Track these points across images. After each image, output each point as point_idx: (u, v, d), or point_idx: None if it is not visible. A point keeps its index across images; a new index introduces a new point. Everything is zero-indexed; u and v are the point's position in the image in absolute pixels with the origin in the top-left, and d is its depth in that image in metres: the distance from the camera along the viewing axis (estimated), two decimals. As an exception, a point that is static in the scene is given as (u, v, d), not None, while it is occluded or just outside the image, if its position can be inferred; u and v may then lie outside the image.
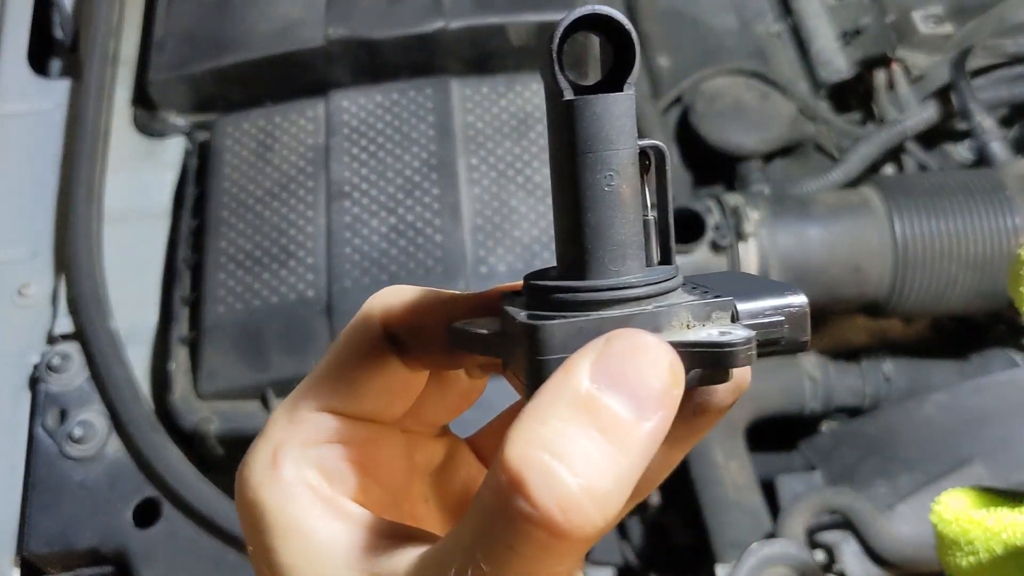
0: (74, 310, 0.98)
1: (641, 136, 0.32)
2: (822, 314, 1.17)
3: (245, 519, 0.35)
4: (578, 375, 0.30)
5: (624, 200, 0.32)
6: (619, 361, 0.30)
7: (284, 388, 0.92)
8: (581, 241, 0.33)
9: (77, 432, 0.91)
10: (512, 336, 0.33)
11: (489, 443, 0.44)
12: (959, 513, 0.44)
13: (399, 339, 0.36)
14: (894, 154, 1.25)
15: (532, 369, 0.32)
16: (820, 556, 0.90)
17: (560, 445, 0.29)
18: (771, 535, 0.85)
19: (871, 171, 1.21)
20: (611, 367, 0.30)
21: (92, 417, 0.92)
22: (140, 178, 1.10)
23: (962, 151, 1.26)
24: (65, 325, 0.98)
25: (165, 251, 1.05)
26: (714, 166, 1.25)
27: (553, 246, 0.95)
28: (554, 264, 0.34)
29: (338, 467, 0.36)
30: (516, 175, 0.97)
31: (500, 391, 0.85)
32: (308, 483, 0.35)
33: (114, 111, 1.12)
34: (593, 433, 0.29)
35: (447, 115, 1.01)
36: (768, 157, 1.24)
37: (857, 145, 1.20)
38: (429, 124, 1.00)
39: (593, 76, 0.32)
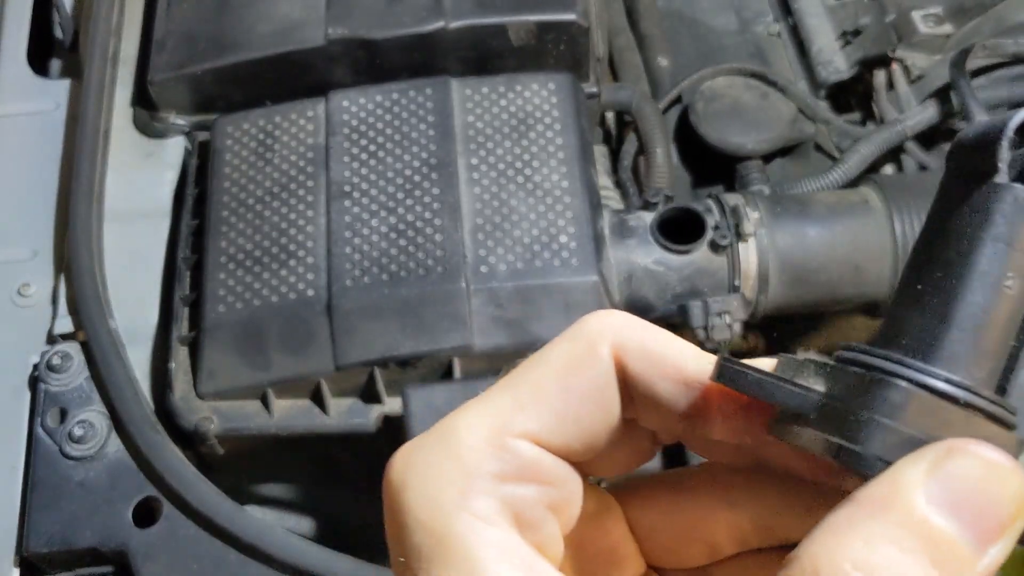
0: (74, 310, 0.98)
1: None
2: (822, 314, 1.17)
3: (410, 534, 0.30)
4: (911, 490, 0.26)
5: (1013, 309, 0.30)
6: (964, 481, 0.26)
7: (284, 388, 0.92)
8: (945, 332, 0.29)
9: (77, 432, 0.91)
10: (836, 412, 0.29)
11: (643, 505, 0.37)
12: None
13: (634, 391, 0.33)
14: (894, 154, 1.25)
15: (854, 461, 0.28)
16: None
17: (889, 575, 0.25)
18: (771, 535, 0.85)
19: (871, 171, 1.21)
20: (954, 486, 0.26)
21: (92, 417, 0.92)
22: (140, 178, 1.10)
23: (962, 151, 1.26)
24: (65, 325, 0.98)
25: (165, 251, 1.05)
26: (714, 166, 1.25)
27: (553, 246, 0.96)
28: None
29: (531, 513, 0.31)
30: (516, 175, 0.97)
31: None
32: (502, 532, 0.30)
33: (114, 111, 1.12)
34: (927, 566, 0.25)
35: (447, 115, 1.01)
36: (768, 157, 1.24)
37: (857, 145, 1.20)
38: (429, 124, 1.00)
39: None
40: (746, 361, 0.31)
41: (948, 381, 0.29)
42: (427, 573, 0.29)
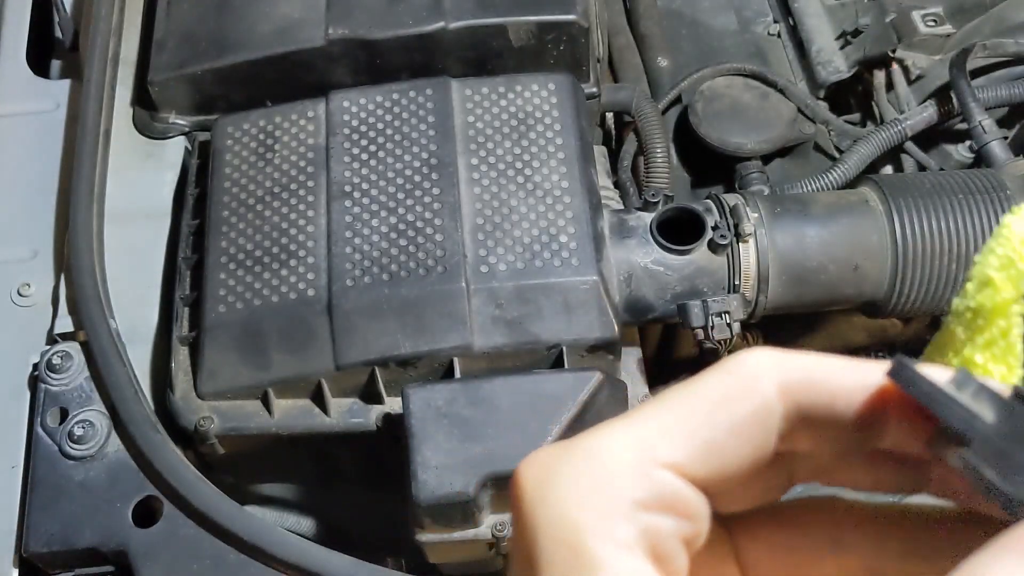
0: (74, 310, 0.98)
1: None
2: (821, 314, 1.17)
3: (545, 550, 0.30)
4: None
5: None
6: None
7: (284, 388, 0.92)
8: None
9: (77, 431, 0.91)
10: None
11: (751, 538, 0.36)
12: None
13: (808, 418, 0.32)
14: (893, 154, 1.25)
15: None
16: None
17: None
18: (771, 535, 0.85)
19: (870, 171, 1.21)
20: None
21: (92, 416, 0.92)
22: (140, 178, 1.10)
23: (962, 151, 1.26)
24: (65, 325, 0.98)
25: (165, 251, 1.05)
26: (713, 166, 1.25)
27: (553, 246, 0.96)
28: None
29: (667, 545, 0.31)
30: (516, 175, 0.97)
31: (514, 394, 0.85)
32: (641, 562, 0.29)
33: (114, 111, 1.12)
34: None
35: (447, 115, 1.01)
36: (767, 157, 1.24)
37: (856, 145, 1.20)
38: (429, 124, 1.00)
39: None
40: (924, 369, 0.31)
41: None
42: None
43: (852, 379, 0.32)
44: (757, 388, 0.32)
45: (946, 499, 0.34)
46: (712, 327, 0.93)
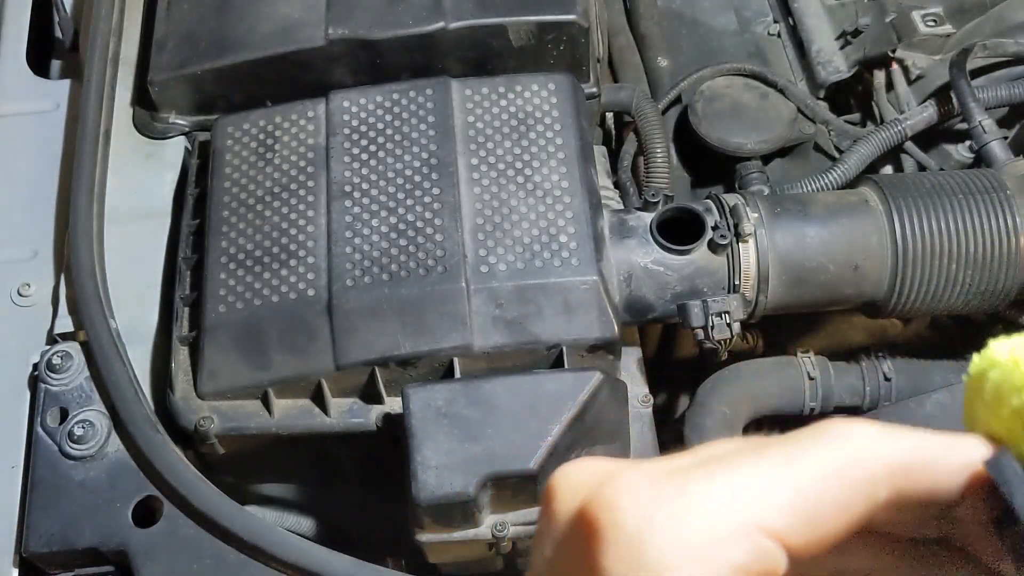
0: (74, 310, 0.98)
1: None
2: (821, 314, 1.17)
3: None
4: None
5: None
6: None
7: (284, 388, 0.92)
8: None
9: (77, 431, 0.91)
10: None
11: None
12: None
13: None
14: (893, 154, 1.25)
15: None
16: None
17: None
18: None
19: (870, 171, 1.21)
20: None
21: (92, 416, 0.92)
22: (140, 178, 1.10)
23: (962, 151, 1.26)
24: (65, 325, 0.98)
25: (165, 251, 1.05)
26: (714, 166, 1.25)
27: (553, 246, 0.96)
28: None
29: None
30: (516, 175, 0.97)
31: (514, 394, 0.85)
32: None
33: (114, 111, 1.12)
34: None
35: (447, 115, 1.01)
36: (767, 157, 1.24)
37: (856, 145, 1.20)
38: (429, 124, 1.00)
39: None
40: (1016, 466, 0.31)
41: None
42: None
43: (953, 464, 0.32)
44: (867, 469, 0.32)
45: (964, 545, 0.35)
46: (712, 327, 0.93)
